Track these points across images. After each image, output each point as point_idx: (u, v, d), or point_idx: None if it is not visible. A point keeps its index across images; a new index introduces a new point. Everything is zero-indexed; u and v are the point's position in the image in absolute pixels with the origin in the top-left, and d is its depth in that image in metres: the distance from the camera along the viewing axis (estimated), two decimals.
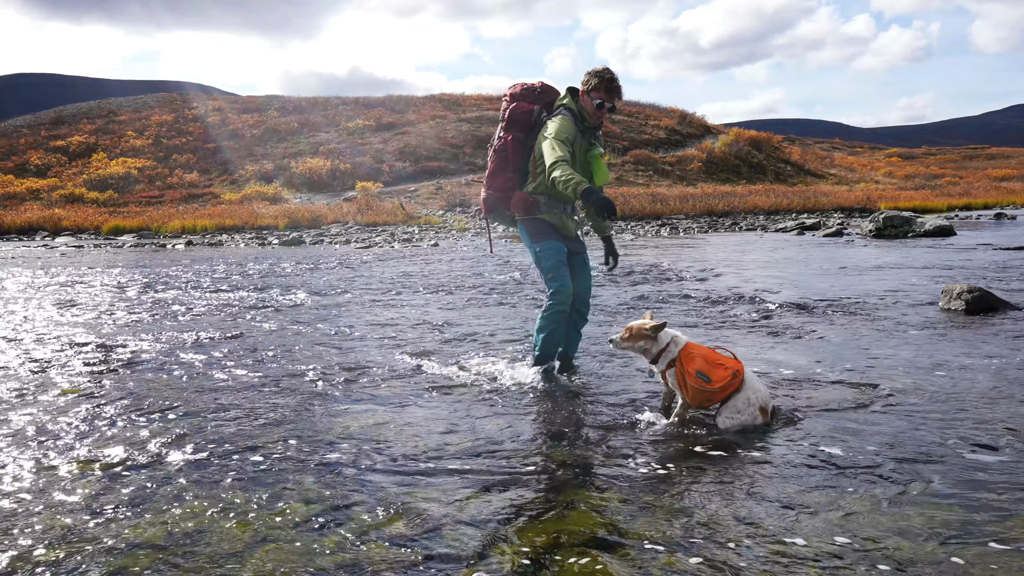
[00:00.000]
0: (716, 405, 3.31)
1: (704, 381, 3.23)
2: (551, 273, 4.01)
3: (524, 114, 4.09)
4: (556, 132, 3.89)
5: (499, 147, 4.12)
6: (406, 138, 41.11)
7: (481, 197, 4.25)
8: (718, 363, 3.30)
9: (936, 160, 65.52)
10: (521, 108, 4.10)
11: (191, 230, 24.26)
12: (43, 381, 4.37)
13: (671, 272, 9.90)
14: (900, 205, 26.28)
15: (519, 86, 4.22)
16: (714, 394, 3.25)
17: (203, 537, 2.31)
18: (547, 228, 4.08)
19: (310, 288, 9.09)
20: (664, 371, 3.43)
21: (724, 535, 2.26)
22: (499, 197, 4.14)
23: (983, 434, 3.12)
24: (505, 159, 4.10)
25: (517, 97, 4.16)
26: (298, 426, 3.44)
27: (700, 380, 3.24)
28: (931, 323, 5.66)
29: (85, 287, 9.82)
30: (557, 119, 3.95)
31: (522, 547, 2.22)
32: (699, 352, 3.35)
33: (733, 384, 3.26)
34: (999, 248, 11.87)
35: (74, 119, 50.31)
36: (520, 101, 4.13)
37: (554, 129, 3.90)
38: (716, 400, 3.28)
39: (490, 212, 4.23)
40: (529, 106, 4.10)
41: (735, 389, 3.27)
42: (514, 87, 4.23)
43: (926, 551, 2.14)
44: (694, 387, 3.25)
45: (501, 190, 4.13)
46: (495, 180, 4.14)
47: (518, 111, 4.10)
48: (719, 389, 3.23)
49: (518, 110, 4.10)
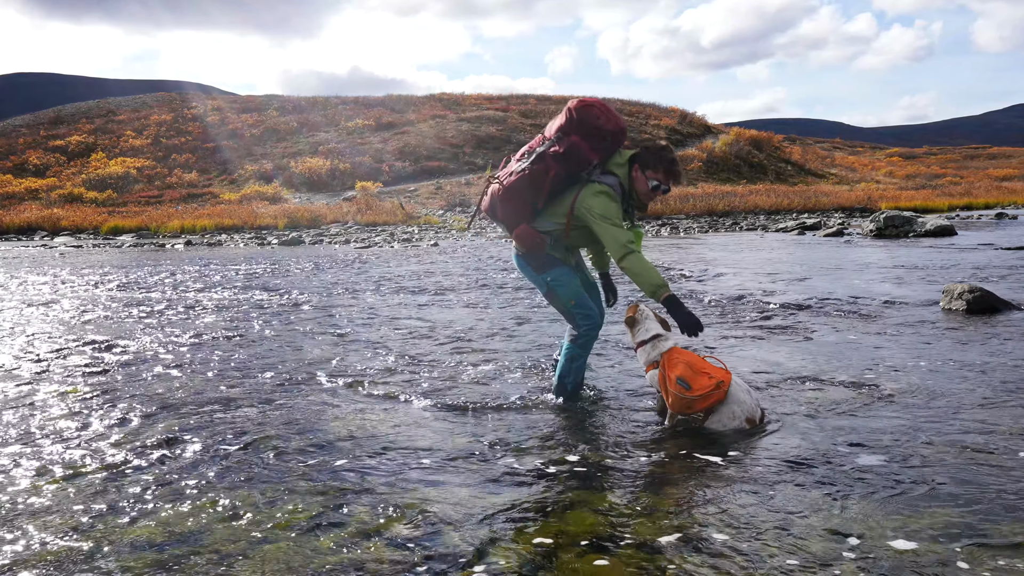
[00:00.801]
0: (699, 413, 3.28)
1: (684, 388, 3.18)
2: (574, 300, 3.61)
3: (583, 163, 3.46)
4: (609, 214, 3.38)
5: (537, 170, 3.47)
6: (406, 138, 41.08)
7: (485, 201, 3.71)
8: (702, 371, 3.24)
9: (937, 160, 65.48)
10: (584, 155, 3.44)
11: (190, 230, 24.21)
12: (42, 381, 4.36)
13: (672, 272, 9.86)
14: (901, 205, 26.22)
15: (594, 111, 3.43)
16: (694, 402, 3.20)
17: (203, 537, 2.31)
18: (552, 258, 3.65)
19: (310, 288, 9.06)
20: (647, 369, 3.41)
21: (724, 536, 2.26)
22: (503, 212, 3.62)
23: (985, 435, 3.11)
24: (535, 189, 3.51)
25: (583, 130, 3.43)
26: (297, 426, 3.42)
27: (680, 387, 3.19)
28: (932, 323, 5.63)
29: (84, 287, 9.78)
30: (603, 193, 3.42)
31: (522, 547, 2.22)
32: (684, 359, 3.29)
33: (716, 395, 3.20)
34: (1000, 248, 11.84)
35: (73, 119, 50.29)
36: (587, 141, 3.43)
37: (605, 209, 3.39)
38: (697, 408, 3.23)
39: (486, 215, 3.76)
40: (592, 156, 3.46)
41: (718, 400, 3.21)
42: (586, 108, 3.43)
43: (929, 552, 2.13)
44: (674, 393, 3.21)
45: (508, 204, 3.59)
46: (509, 194, 3.55)
47: (580, 155, 3.44)
48: (699, 397, 3.18)
49: (580, 154, 3.43)
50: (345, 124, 44.44)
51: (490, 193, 3.66)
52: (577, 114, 3.42)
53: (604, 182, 3.46)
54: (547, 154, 3.47)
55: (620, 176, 3.50)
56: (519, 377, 4.30)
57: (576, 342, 3.67)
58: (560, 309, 3.71)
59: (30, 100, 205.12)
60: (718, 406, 3.23)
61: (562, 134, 3.46)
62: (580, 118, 3.42)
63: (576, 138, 3.43)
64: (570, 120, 3.44)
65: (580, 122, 3.42)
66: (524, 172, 3.50)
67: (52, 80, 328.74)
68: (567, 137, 3.44)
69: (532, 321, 6.26)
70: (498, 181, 3.62)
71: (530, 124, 43.59)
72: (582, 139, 3.43)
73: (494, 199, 3.63)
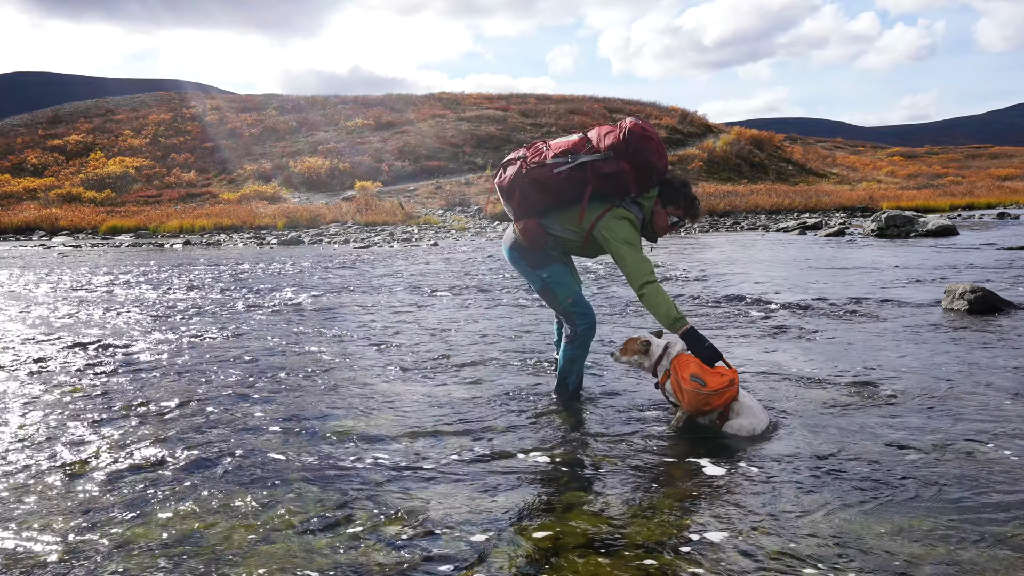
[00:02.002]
0: (714, 414, 3.26)
1: (699, 384, 3.18)
2: (571, 299, 3.56)
3: (621, 192, 3.37)
4: (632, 240, 3.35)
5: (573, 178, 3.32)
6: (405, 137, 41.00)
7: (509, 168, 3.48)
8: (714, 371, 3.25)
9: (939, 159, 65.36)
10: (626, 184, 3.33)
11: (189, 230, 24.12)
12: (41, 381, 4.37)
13: (672, 272, 9.81)
14: (902, 204, 26.14)
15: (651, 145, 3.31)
16: (711, 397, 3.18)
17: (202, 538, 2.32)
18: (548, 255, 3.59)
19: (309, 288, 9.04)
20: (663, 382, 3.38)
21: (725, 537, 2.26)
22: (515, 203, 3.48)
23: (987, 435, 3.10)
24: (558, 192, 3.37)
25: (633, 160, 3.30)
26: (297, 427, 3.43)
27: (695, 383, 3.19)
28: (934, 323, 5.63)
29: (82, 287, 9.74)
30: (627, 219, 3.37)
31: (522, 549, 2.23)
32: (694, 360, 3.29)
33: (730, 391, 3.20)
34: (1002, 248, 11.83)
35: (71, 118, 50.21)
36: (635, 172, 3.31)
37: (628, 236, 3.35)
38: (714, 405, 3.21)
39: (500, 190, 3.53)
40: (633, 189, 3.36)
41: (732, 397, 3.21)
42: (645, 139, 3.30)
43: (931, 553, 2.14)
44: (690, 391, 3.19)
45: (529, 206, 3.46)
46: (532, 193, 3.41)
47: (623, 183, 3.33)
48: (715, 392, 3.17)
49: (622, 181, 3.32)
50: (344, 123, 44.37)
51: (513, 174, 3.45)
52: (634, 143, 3.29)
53: (630, 210, 3.41)
54: (590, 166, 3.32)
55: (646, 208, 3.46)
56: (520, 378, 4.28)
57: (574, 343, 3.62)
58: (556, 307, 3.66)
59: (28, 99, 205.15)
60: (735, 416, 3.22)
61: (613, 154, 3.31)
62: (636, 148, 3.29)
63: (627, 166, 3.31)
64: (626, 145, 3.30)
65: (635, 153, 3.30)
66: (562, 174, 3.33)
67: (50, 79, 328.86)
68: (617, 160, 3.30)
69: (532, 321, 6.23)
70: (528, 166, 3.40)
71: (530, 123, 43.52)
72: (632, 169, 3.31)
73: (515, 182, 3.43)
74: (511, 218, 3.60)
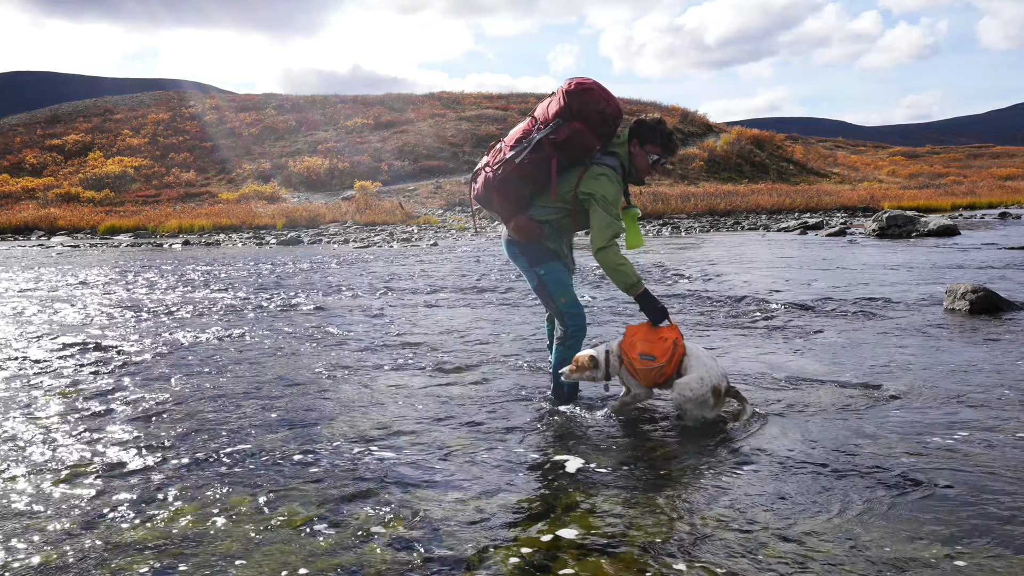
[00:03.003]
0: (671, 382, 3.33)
1: (650, 360, 3.28)
2: (564, 299, 3.54)
3: (586, 151, 3.33)
4: (613, 198, 3.30)
5: (535, 160, 3.31)
6: (405, 137, 40.93)
7: (477, 178, 3.53)
8: (657, 338, 3.33)
9: (940, 159, 65.25)
10: (585, 141, 3.30)
11: (188, 229, 24.04)
12: (40, 382, 4.36)
13: (673, 272, 9.76)
14: (904, 204, 26.07)
15: (594, 96, 3.26)
16: (663, 368, 3.28)
17: (202, 539, 2.31)
18: (547, 251, 3.56)
19: (308, 288, 9.01)
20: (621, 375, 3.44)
21: (725, 538, 2.26)
22: (498, 204, 3.50)
23: (988, 435, 3.10)
24: (528, 174, 3.36)
25: (585, 116, 3.25)
26: (297, 427, 3.42)
27: (646, 361, 3.29)
28: (935, 323, 5.62)
29: (81, 287, 9.72)
30: (604, 175, 3.32)
31: (522, 550, 2.22)
32: (636, 336, 3.38)
33: (677, 352, 3.27)
34: (1004, 248, 11.80)
35: (70, 118, 50.14)
36: (586, 127, 3.27)
37: (606, 192, 3.30)
38: (668, 373, 3.30)
39: (479, 202, 3.58)
40: (595, 143, 3.33)
41: (682, 354, 3.28)
42: (586, 92, 3.25)
43: (931, 554, 2.13)
44: (643, 370, 3.30)
45: (503, 198, 3.45)
46: (504, 187, 3.40)
47: (580, 142, 3.29)
48: (667, 362, 3.27)
49: (581, 141, 3.29)
50: (344, 123, 44.30)
51: (483, 182, 3.49)
52: (577, 100, 3.25)
53: (605, 163, 3.38)
54: (546, 141, 3.30)
55: (621, 155, 3.43)
56: (519, 378, 4.28)
57: (564, 343, 3.61)
58: (549, 306, 3.65)
59: (27, 99, 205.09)
60: (686, 372, 3.27)
61: (561, 120, 3.29)
62: (582, 103, 3.26)
63: (579, 124, 3.27)
64: (569, 106, 3.27)
65: (581, 109, 3.26)
66: (524, 161, 3.33)
67: (48, 79, 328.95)
68: (568, 124, 3.28)
69: (531, 321, 6.20)
70: (492, 170, 3.43)
71: None
72: (586, 126, 3.28)
73: (489, 189, 3.47)
74: (505, 225, 3.62)
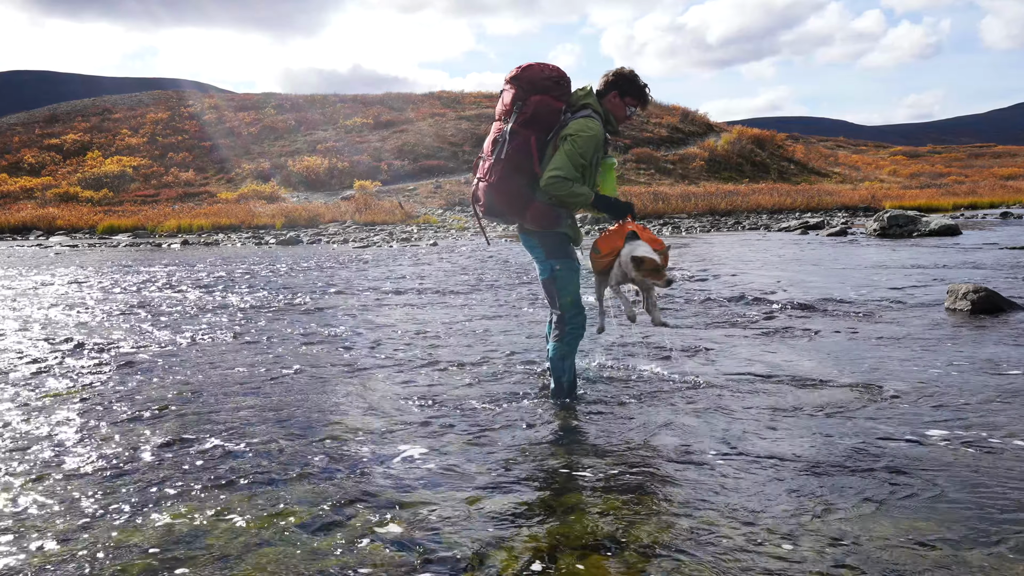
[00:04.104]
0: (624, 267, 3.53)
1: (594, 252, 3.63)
2: (571, 299, 3.60)
3: (553, 114, 3.43)
4: (583, 148, 3.36)
5: (516, 147, 3.40)
6: (405, 136, 40.85)
7: (477, 195, 3.57)
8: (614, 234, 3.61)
9: (942, 158, 65.14)
10: (549, 106, 3.41)
11: (187, 229, 23.97)
12: (40, 382, 4.35)
13: (674, 272, 9.68)
14: (905, 204, 26.02)
15: (536, 68, 3.45)
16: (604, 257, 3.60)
17: (201, 539, 2.30)
18: (565, 242, 3.60)
19: (308, 288, 8.99)
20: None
21: (726, 539, 2.25)
22: (505, 204, 3.49)
23: (990, 436, 3.08)
24: (518, 164, 3.41)
25: (539, 87, 3.41)
26: (296, 428, 3.41)
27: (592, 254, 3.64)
28: (936, 324, 5.61)
29: (80, 287, 9.70)
30: (585, 125, 3.38)
31: (522, 551, 2.21)
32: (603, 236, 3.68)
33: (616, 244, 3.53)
34: (1005, 248, 11.80)
35: (69, 117, 50.06)
36: (545, 95, 3.41)
37: (582, 143, 3.36)
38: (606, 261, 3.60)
39: (489, 215, 3.59)
40: (558, 104, 3.43)
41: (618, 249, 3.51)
42: (528, 69, 3.45)
43: (932, 554, 2.13)
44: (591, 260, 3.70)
45: (507, 196, 3.46)
46: (503, 185, 3.44)
47: (546, 109, 3.40)
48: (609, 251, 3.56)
49: (545, 107, 3.40)
50: (343, 122, 44.22)
51: (484, 193, 3.52)
52: (524, 78, 3.45)
53: (581, 115, 3.45)
54: (517, 127, 3.44)
55: (592, 104, 3.50)
56: (518, 378, 4.26)
57: (562, 340, 3.65)
58: (553, 302, 3.66)
59: (25, 98, 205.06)
60: None
61: (521, 103, 3.44)
62: (530, 78, 3.45)
63: (536, 96, 3.43)
64: (520, 87, 3.45)
65: (531, 82, 3.45)
66: (510, 152, 3.43)
67: (47, 78, 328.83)
68: (527, 101, 3.43)
69: (531, 321, 6.16)
70: (486, 180, 3.50)
71: None
72: (542, 94, 3.43)
73: (491, 195, 3.51)
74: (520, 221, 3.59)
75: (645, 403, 3.69)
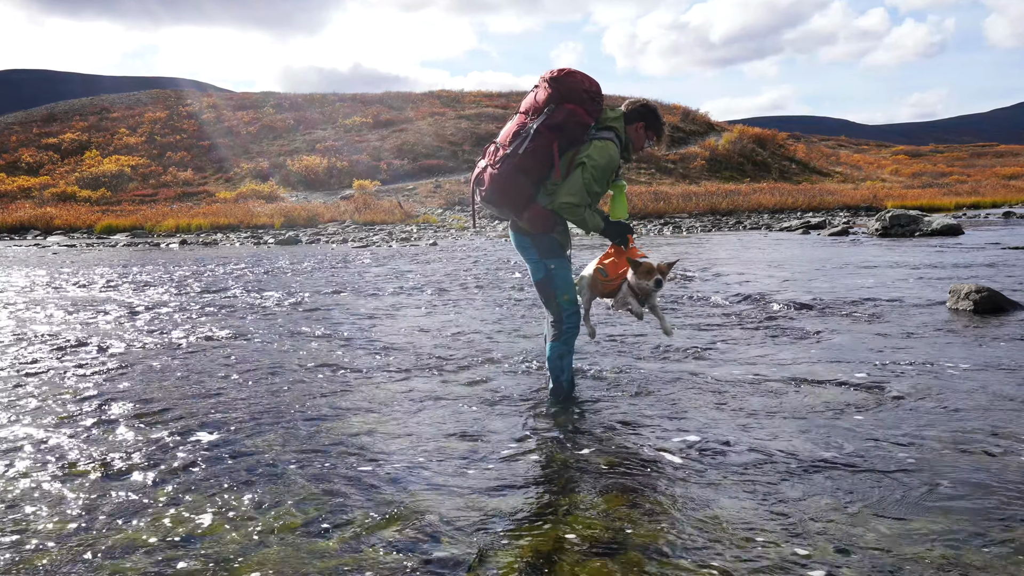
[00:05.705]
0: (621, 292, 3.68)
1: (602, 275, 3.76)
2: (567, 296, 3.61)
3: (580, 127, 3.39)
4: (599, 176, 3.35)
5: (536, 147, 3.36)
6: (404, 135, 40.75)
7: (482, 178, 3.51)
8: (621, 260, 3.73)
9: (944, 158, 65.00)
10: (580, 119, 3.37)
11: (185, 229, 23.87)
12: (39, 382, 4.35)
13: (674, 272, 9.61)
14: (907, 204, 25.93)
15: (578, 77, 3.40)
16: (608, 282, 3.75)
17: (200, 540, 2.30)
18: (557, 244, 3.60)
19: (307, 289, 8.93)
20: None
21: (728, 540, 2.24)
22: (507, 200, 3.46)
23: (992, 436, 3.08)
24: (529, 166, 3.39)
25: (575, 97, 3.36)
26: (296, 429, 3.40)
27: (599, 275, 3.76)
28: (939, 323, 5.59)
29: (78, 287, 9.63)
30: (603, 152, 3.37)
31: (523, 552, 2.21)
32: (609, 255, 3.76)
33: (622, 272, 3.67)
34: (1008, 247, 11.76)
35: (66, 116, 49.94)
36: (579, 107, 3.37)
37: (599, 158, 3.34)
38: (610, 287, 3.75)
39: (487, 202, 3.54)
40: (588, 120, 3.41)
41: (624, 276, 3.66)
42: (570, 75, 3.40)
43: (933, 555, 2.12)
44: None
45: (509, 193, 3.44)
46: (508, 181, 3.41)
47: (575, 121, 3.37)
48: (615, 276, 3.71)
49: (575, 120, 3.36)
50: (343, 122, 44.12)
51: (489, 181, 3.46)
52: (563, 84, 3.40)
53: (603, 137, 3.44)
54: (543, 127, 3.37)
55: (617, 129, 3.50)
56: (518, 378, 4.24)
57: (559, 339, 3.66)
58: (549, 301, 3.64)
59: (23, 97, 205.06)
60: None
61: (554, 105, 3.39)
62: (569, 87, 3.40)
63: (570, 105, 3.38)
64: (557, 91, 3.39)
65: (569, 91, 3.39)
66: (528, 150, 3.38)
67: (46, 77, 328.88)
68: (561, 107, 3.38)
69: (530, 321, 6.12)
70: (495, 168, 3.43)
71: None
72: (576, 105, 3.39)
73: (495, 186, 3.47)
74: (516, 219, 3.58)
75: (645, 403, 3.67)
